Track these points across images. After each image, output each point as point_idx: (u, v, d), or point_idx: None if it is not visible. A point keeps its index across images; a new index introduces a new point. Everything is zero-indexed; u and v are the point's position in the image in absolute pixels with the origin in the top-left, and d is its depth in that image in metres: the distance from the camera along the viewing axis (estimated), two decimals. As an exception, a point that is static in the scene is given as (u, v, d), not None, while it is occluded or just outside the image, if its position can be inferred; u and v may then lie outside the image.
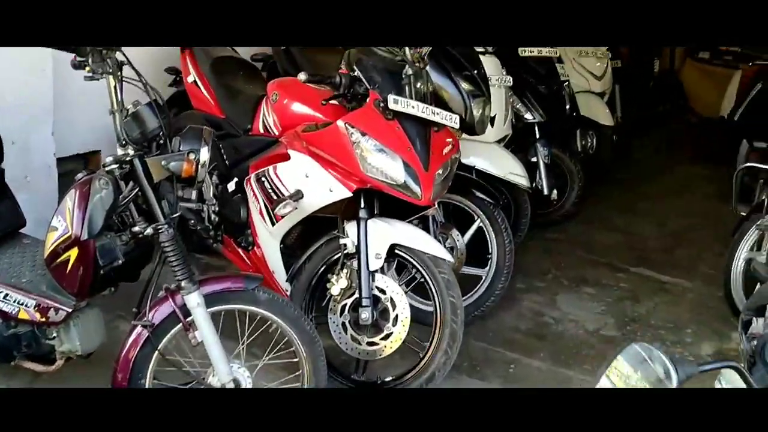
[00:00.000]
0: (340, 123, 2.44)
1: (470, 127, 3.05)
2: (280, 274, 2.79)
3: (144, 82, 2.10)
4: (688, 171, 5.94)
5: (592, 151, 5.57)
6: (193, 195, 2.14)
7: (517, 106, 4.24)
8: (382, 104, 2.46)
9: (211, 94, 3.28)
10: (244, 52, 3.82)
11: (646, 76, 7.26)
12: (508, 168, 3.71)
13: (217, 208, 3.20)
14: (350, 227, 2.57)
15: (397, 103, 2.42)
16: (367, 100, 2.49)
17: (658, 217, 4.80)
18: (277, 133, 2.90)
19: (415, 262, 2.59)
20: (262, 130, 3.01)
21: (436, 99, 2.85)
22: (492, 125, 3.66)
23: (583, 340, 3.18)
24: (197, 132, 2.13)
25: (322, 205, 2.54)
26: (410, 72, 2.78)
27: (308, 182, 2.53)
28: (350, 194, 2.48)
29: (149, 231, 2.04)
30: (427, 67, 3.01)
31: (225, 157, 3.16)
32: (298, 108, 2.80)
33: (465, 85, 3.07)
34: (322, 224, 2.72)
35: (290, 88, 2.85)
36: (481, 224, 3.21)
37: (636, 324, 3.34)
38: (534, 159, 4.26)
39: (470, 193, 3.19)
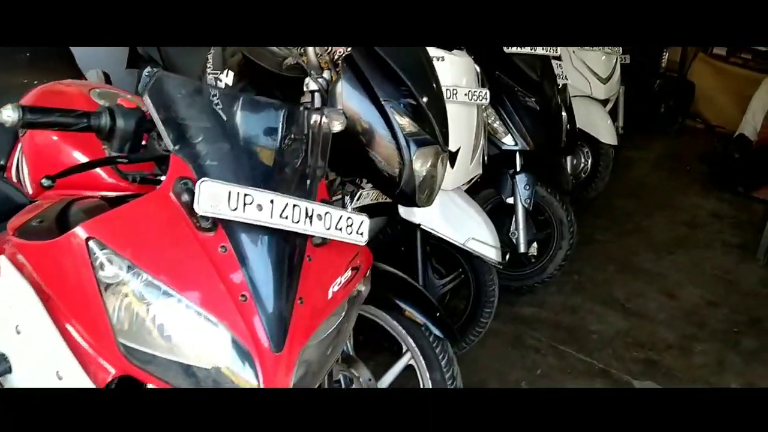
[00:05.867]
0: (77, 234, 1.03)
1: (406, 196, 1.73)
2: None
3: None
4: (699, 204, 4.67)
5: (585, 174, 4.30)
6: None
7: (494, 125, 2.91)
8: (187, 193, 1.09)
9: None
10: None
11: (652, 73, 5.92)
12: (470, 231, 2.41)
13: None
14: None
15: (213, 203, 1.04)
16: (162, 176, 1.12)
17: (667, 282, 3.53)
18: (31, 192, 1.50)
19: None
20: (15, 178, 1.60)
21: (343, 138, 1.52)
22: (452, 166, 2.34)
23: None
24: None
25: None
26: (313, 87, 1.56)
27: (19, 344, 1.15)
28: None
29: None
30: (341, 82, 1.71)
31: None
32: (56, 154, 1.40)
33: (403, 121, 1.70)
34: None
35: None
36: (411, 361, 1.84)
37: None
38: (510, 200, 2.97)
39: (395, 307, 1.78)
